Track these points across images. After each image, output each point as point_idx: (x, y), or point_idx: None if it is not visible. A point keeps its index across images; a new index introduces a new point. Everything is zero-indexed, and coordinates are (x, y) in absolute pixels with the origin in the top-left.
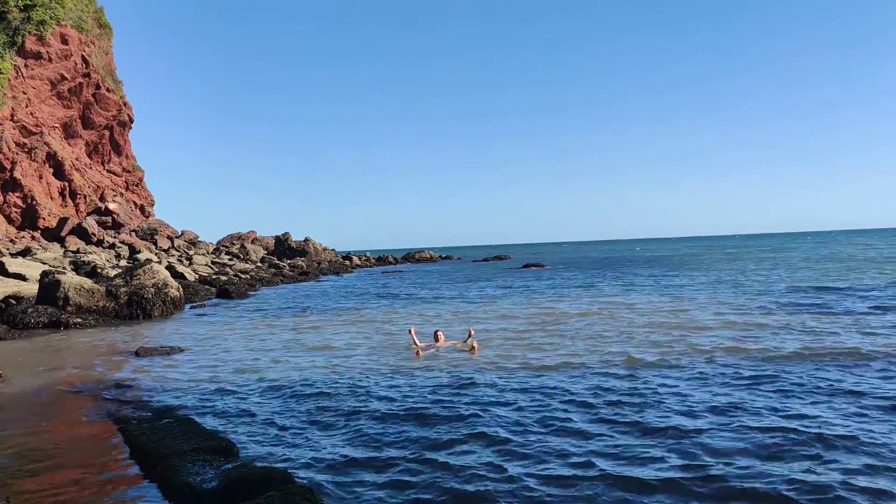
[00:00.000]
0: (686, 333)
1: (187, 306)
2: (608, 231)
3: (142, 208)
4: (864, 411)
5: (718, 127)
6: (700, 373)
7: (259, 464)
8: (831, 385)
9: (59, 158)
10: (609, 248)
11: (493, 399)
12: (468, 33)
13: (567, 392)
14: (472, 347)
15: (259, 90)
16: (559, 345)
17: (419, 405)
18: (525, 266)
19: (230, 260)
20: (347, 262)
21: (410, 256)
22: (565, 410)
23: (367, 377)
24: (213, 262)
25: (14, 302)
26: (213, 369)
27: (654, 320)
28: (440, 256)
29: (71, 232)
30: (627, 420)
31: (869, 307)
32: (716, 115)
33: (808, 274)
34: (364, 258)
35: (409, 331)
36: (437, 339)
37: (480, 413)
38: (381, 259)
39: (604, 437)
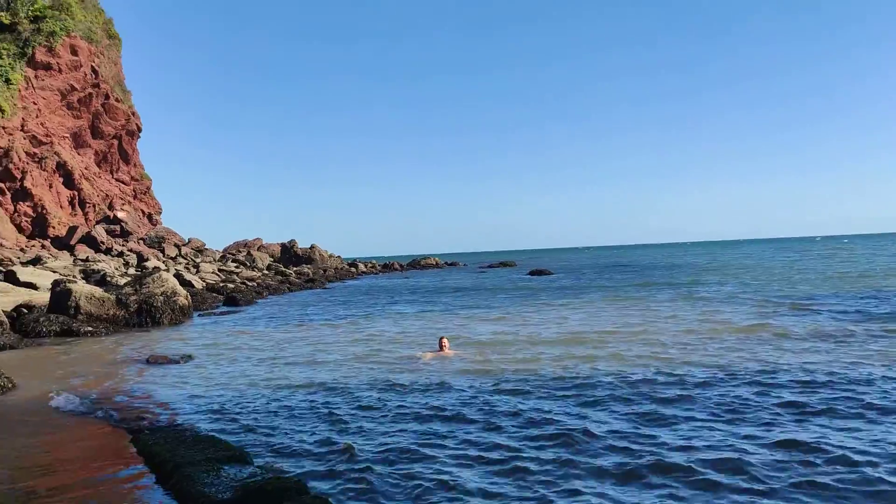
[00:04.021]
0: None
1: (195, 314)
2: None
3: (149, 216)
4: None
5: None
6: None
7: (273, 474)
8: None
9: (69, 168)
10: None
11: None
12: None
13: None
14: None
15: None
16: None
17: (431, 412)
18: (531, 273)
19: (237, 267)
20: (353, 269)
21: (416, 263)
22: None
23: (376, 387)
24: (219, 270)
25: (26, 311)
26: (224, 378)
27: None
28: (445, 263)
29: (80, 240)
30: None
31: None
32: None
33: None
34: (370, 265)
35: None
36: (441, 347)
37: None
38: (387, 266)
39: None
